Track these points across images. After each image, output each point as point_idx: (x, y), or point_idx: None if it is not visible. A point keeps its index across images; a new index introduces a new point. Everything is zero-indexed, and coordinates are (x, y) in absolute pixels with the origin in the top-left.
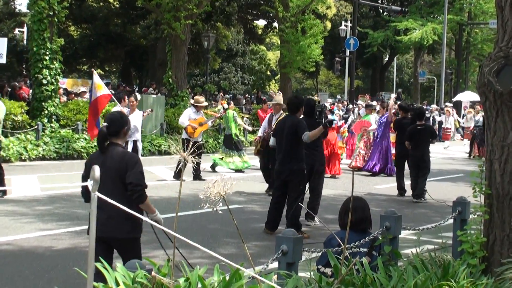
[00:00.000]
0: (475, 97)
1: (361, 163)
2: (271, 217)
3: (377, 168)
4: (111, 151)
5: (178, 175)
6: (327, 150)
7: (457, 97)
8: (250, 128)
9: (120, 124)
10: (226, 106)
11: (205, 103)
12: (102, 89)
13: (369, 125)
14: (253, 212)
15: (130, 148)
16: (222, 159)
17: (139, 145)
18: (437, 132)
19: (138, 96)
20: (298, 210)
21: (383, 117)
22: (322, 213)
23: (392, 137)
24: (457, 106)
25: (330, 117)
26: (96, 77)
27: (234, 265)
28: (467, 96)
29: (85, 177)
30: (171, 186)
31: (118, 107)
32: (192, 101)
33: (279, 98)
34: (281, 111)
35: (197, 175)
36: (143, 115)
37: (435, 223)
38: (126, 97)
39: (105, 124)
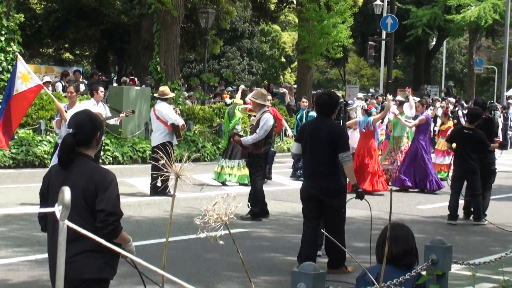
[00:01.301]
0: None
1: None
2: (307, 249)
3: (410, 183)
4: (78, 165)
5: (157, 191)
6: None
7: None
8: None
9: (90, 129)
10: (228, 101)
11: (173, 94)
12: (28, 80)
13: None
14: (261, 238)
15: None
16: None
17: None
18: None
19: (82, 87)
20: (343, 240)
21: (419, 116)
22: (350, 240)
23: (442, 144)
24: None
25: (362, 118)
26: (21, 64)
27: None
28: None
29: (43, 196)
30: (158, 204)
31: (90, 102)
32: (157, 94)
33: (260, 93)
34: (266, 108)
35: (156, 189)
36: (119, 115)
37: (494, 255)
38: (100, 89)
39: (70, 130)
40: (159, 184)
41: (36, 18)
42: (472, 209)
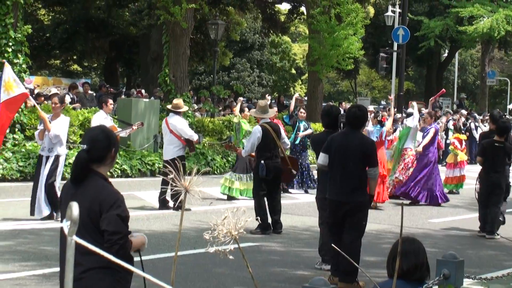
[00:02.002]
0: None
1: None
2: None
3: (422, 198)
4: (88, 183)
5: (165, 204)
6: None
7: None
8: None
9: (105, 145)
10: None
11: (186, 108)
12: (12, 89)
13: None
14: (271, 252)
15: (48, 166)
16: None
17: (62, 162)
18: None
19: (68, 99)
20: (358, 252)
21: (428, 129)
22: (361, 254)
23: (450, 156)
24: None
25: (374, 128)
26: (7, 71)
27: None
28: None
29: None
30: (167, 217)
31: (101, 115)
32: (170, 106)
33: (258, 106)
34: (266, 119)
35: (165, 203)
36: (132, 128)
37: (507, 269)
38: (109, 101)
39: (84, 146)
40: (168, 198)
41: (44, 29)
42: (488, 221)
